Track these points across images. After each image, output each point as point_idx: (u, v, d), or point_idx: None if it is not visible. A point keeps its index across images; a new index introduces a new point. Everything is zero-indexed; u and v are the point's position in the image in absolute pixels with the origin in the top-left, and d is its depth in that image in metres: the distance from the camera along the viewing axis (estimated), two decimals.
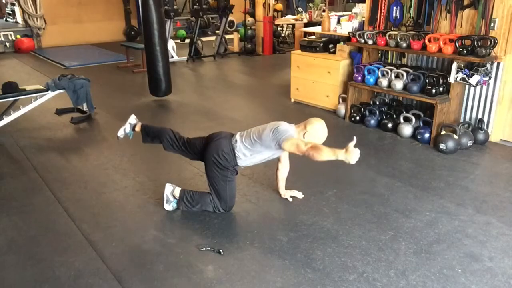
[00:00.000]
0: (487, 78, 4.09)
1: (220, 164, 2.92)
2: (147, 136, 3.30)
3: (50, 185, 3.56)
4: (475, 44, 3.94)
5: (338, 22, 5.64)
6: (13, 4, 11.47)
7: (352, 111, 5.01)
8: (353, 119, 4.98)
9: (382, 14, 4.96)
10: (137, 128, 3.35)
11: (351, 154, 2.48)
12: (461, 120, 4.52)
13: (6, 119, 4.75)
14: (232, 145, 2.93)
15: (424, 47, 4.32)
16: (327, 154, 2.53)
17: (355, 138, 2.52)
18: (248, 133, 2.95)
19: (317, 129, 2.81)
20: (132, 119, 3.39)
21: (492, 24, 4.07)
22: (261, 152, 2.90)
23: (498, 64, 4.15)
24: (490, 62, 4.08)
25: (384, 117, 4.77)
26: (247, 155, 2.92)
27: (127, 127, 3.36)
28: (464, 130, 4.20)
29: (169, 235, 2.84)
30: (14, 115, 4.80)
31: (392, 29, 4.87)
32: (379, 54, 5.15)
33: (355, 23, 5.40)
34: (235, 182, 3.05)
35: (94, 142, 4.55)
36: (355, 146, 2.49)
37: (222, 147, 2.93)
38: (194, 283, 2.39)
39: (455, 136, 4.08)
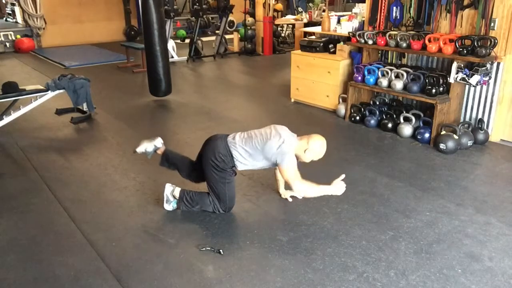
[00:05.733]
0: (487, 78, 4.09)
1: (218, 167, 2.92)
2: (166, 161, 3.28)
3: (50, 185, 3.56)
4: (475, 44, 3.94)
5: (338, 22, 5.64)
6: (13, 4, 11.45)
7: (352, 111, 5.01)
8: (353, 119, 4.97)
9: (382, 14, 4.96)
10: (159, 152, 3.29)
11: (338, 188, 2.83)
12: (461, 120, 4.52)
13: (6, 119, 4.75)
14: (229, 146, 2.92)
15: (424, 47, 4.32)
16: (316, 193, 2.87)
17: (343, 175, 2.85)
18: (250, 137, 2.93)
19: (318, 147, 2.93)
20: (159, 142, 3.27)
21: (492, 24, 4.07)
22: (260, 161, 2.93)
23: (498, 64, 4.15)
24: (490, 62, 4.08)
25: (384, 117, 4.77)
26: (246, 161, 2.92)
27: (149, 147, 3.23)
28: (464, 130, 4.20)
29: (169, 235, 2.84)
30: (14, 115, 4.80)
31: (392, 29, 4.87)
32: (379, 54, 5.15)
33: (355, 23, 5.40)
34: (234, 183, 3.05)
35: (94, 142, 4.55)
36: (344, 180, 2.81)
37: (219, 149, 2.92)
38: (194, 283, 2.39)
39: (455, 136, 4.08)
